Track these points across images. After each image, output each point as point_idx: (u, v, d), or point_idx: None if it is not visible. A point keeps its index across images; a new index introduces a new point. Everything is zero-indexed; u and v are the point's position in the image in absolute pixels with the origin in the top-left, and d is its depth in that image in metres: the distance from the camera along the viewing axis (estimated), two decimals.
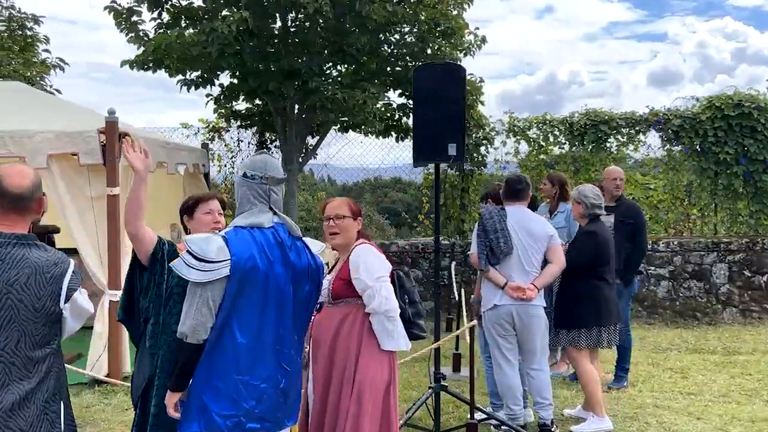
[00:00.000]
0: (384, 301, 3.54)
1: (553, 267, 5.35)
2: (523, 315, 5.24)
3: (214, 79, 8.79)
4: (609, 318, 5.52)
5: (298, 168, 9.62)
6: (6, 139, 6.61)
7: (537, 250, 5.30)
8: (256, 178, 3.03)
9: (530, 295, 5.19)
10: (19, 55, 11.50)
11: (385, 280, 3.59)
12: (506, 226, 5.22)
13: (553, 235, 5.35)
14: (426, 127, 5.03)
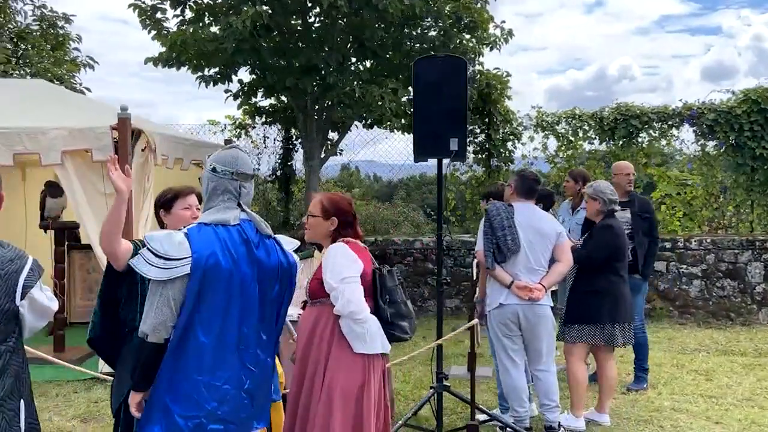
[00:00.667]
0: (346, 303, 3.44)
1: (561, 266, 5.21)
2: (530, 315, 5.11)
3: (231, 75, 8.79)
4: (624, 315, 5.39)
5: (319, 164, 9.57)
6: (22, 136, 6.69)
7: (545, 249, 5.16)
8: (226, 174, 2.98)
9: (537, 295, 5.06)
10: (50, 54, 11.70)
11: (351, 281, 3.47)
12: (514, 224, 5.08)
13: (561, 233, 5.21)
14: (427, 122, 4.96)
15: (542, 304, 5.11)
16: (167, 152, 7.58)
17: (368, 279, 3.58)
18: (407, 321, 3.65)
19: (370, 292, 3.57)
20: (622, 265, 5.45)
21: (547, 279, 5.13)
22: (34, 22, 12.07)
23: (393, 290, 3.62)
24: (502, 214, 5.10)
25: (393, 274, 3.68)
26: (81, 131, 6.71)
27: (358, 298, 3.46)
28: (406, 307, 3.66)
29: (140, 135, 6.96)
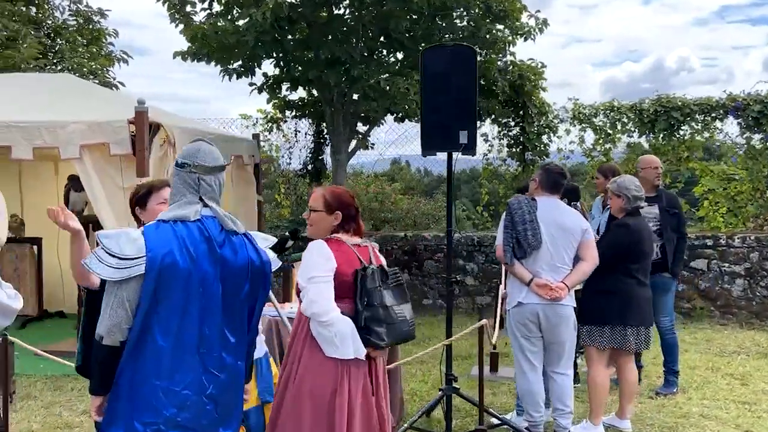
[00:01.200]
0: (309, 303, 3.27)
1: (586, 264, 4.97)
2: (551, 315, 4.89)
3: (254, 68, 8.71)
4: (637, 318, 5.12)
5: (346, 158, 9.45)
6: (42, 131, 6.73)
7: (569, 245, 4.92)
8: (186, 167, 2.86)
9: (559, 294, 4.84)
10: (85, 49, 11.82)
11: (319, 281, 3.29)
12: (536, 218, 4.86)
13: (586, 230, 4.96)
14: (435, 114, 4.78)
15: (564, 304, 4.88)
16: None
17: (347, 278, 3.39)
18: (384, 327, 3.36)
19: (352, 292, 3.40)
20: (639, 267, 5.17)
21: (570, 278, 4.90)
22: (70, 17, 12.21)
23: (372, 292, 3.36)
24: (524, 208, 4.88)
25: (376, 274, 3.40)
26: (99, 125, 6.72)
27: (323, 299, 3.27)
28: (385, 311, 3.38)
29: (159, 129, 6.94)
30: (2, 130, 6.74)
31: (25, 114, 6.90)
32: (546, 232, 4.87)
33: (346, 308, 3.36)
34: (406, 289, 3.57)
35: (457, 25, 8.96)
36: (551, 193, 5.01)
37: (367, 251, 3.53)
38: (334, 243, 3.44)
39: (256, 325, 3.04)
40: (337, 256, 3.37)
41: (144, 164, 6.71)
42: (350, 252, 3.45)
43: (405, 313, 3.47)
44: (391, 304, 3.41)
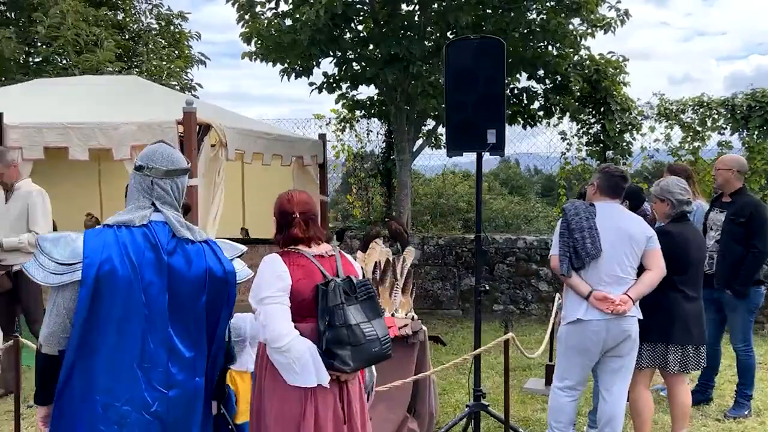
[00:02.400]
0: (261, 329, 3.00)
1: (651, 274, 4.56)
2: (616, 331, 4.50)
3: (312, 67, 8.63)
4: (681, 336, 4.69)
5: (410, 158, 9.25)
6: (96, 131, 6.87)
7: (632, 254, 4.54)
8: (141, 170, 2.76)
9: (623, 309, 4.45)
10: (166, 51, 12.14)
11: (270, 302, 3.00)
12: (594, 225, 4.51)
13: (651, 237, 4.57)
14: (460, 111, 4.53)
15: (630, 316, 4.51)
16: (243, 147, 7.55)
17: (307, 295, 3.09)
18: (349, 349, 3.04)
19: (314, 311, 3.11)
20: (685, 279, 4.72)
21: (635, 289, 4.51)
22: (153, 20, 12.57)
23: (333, 311, 3.04)
24: (581, 214, 4.54)
25: (338, 289, 3.08)
26: (149, 126, 6.80)
27: (276, 322, 2.98)
28: (349, 330, 3.05)
29: (209, 129, 6.96)
30: (60, 131, 6.92)
31: (82, 115, 7.07)
32: (606, 240, 4.51)
33: (309, 329, 3.09)
34: (377, 300, 3.28)
35: (527, 19, 8.59)
36: (611, 197, 4.65)
37: (332, 262, 3.25)
38: (292, 256, 3.17)
39: (222, 338, 2.88)
40: (293, 271, 3.09)
41: (192, 165, 6.71)
42: (310, 265, 3.16)
43: (375, 331, 3.15)
44: (357, 322, 3.09)
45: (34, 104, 7.68)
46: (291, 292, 3.06)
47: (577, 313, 4.56)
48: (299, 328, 3.07)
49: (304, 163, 8.86)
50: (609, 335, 4.50)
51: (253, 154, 7.79)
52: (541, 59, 8.58)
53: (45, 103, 7.72)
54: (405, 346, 4.96)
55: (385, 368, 4.86)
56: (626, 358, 4.57)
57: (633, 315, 4.53)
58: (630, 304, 4.47)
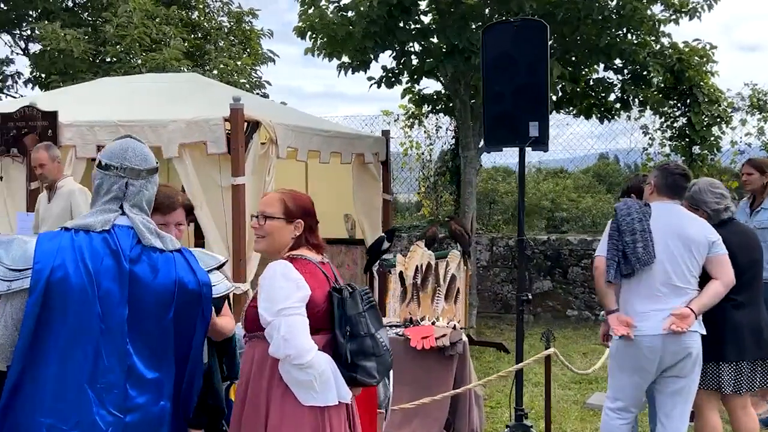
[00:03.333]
0: (282, 343, 2.71)
1: (718, 285, 4.11)
2: (676, 349, 4.06)
3: (369, 61, 8.33)
4: (736, 351, 4.19)
5: (476, 154, 8.84)
6: (146, 129, 6.80)
7: (692, 261, 4.11)
8: (112, 169, 2.52)
9: (683, 324, 4.00)
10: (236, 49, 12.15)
11: (290, 313, 2.73)
12: (648, 227, 4.10)
13: (715, 242, 4.13)
14: (499, 103, 4.16)
15: (692, 331, 4.06)
16: (296, 144, 7.36)
17: (322, 305, 2.85)
18: (374, 360, 2.83)
19: (326, 322, 2.86)
20: (740, 286, 4.22)
21: (697, 301, 4.08)
22: (225, 18, 12.60)
23: (355, 319, 2.82)
24: (633, 214, 4.14)
25: (357, 297, 2.88)
26: (197, 123, 6.69)
27: (299, 337, 2.72)
28: (372, 341, 2.84)
29: (258, 126, 6.79)
30: (111, 129, 6.89)
31: (134, 113, 7.04)
32: (661, 245, 4.09)
33: (324, 342, 2.84)
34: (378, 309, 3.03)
35: (601, 5, 8.04)
36: (670, 197, 4.22)
37: (330, 270, 3.01)
38: (301, 263, 2.90)
39: (199, 358, 2.61)
40: (307, 280, 2.83)
41: (239, 163, 6.58)
42: (318, 273, 2.91)
43: (386, 341, 2.95)
44: (373, 332, 2.88)
45: (91, 103, 7.72)
46: (307, 302, 2.81)
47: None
48: (315, 341, 2.81)
49: (365, 161, 8.60)
50: (666, 352, 4.06)
51: (308, 151, 7.59)
52: (616, 48, 8.02)
53: (101, 101, 7.75)
54: (442, 358, 4.63)
55: (420, 382, 4.56)
56: (687, 379, 4.13)
57: (695, 330, 4.07)
58: (691, 319, 4.01)
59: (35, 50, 11.48)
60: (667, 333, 4.01)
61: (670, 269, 4.08)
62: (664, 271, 4.08)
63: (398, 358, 4.64)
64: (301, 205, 3.00)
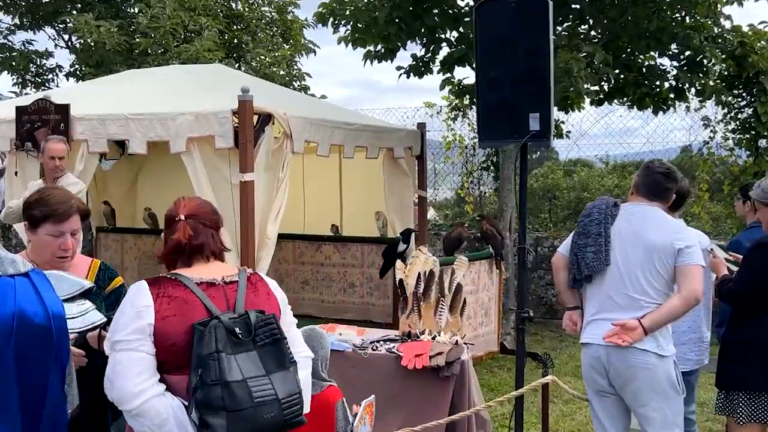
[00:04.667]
0: (107, 384, 2.31)
1: (677, 300, 3.60)
2: (619, 364, 3.61)
3: (396, 50, 7.84)
4: None
5: (514, 148, 8.24)
6: (154, 122, 6.56)
7: (653, 271, 3.62)
8: None
9: (624, 338, 3.55)
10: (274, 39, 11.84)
11: (123, 347, 2.31)
12: (606, 230, 3.67)
13: (683, 249, 3.60)
14: (496, 91, 3.67)
15: (639, 349, 3.56)
16: (316, 138, 6.97)
17: (180, 338, 2.35)
18: (224, 417, 2.24)
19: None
20: None
21: (650, 317, 3.57)
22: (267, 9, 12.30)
23: (207, 361, 2.28)
24: (593, 216, 3.74)
25: (219, 331, 2.31)
26: (205, 116, 6.39)
27: (124, 377, 2.29)
28: (226, 390, 2.25)
29: (270, 119, 6.42)
30: (121, 122, 6.66)
31: (145, 106, 6.77)
32: (621, 251, 3.64)
33: (180, 384, 2.36)
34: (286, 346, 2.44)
35: None
36: (649, 198, 3.76)
37: (232, 291, 2.48)
38: (162, 285, 2.42)
39: (59, 400, 2.14)
40: (159, 306, 2.36)
41: (248, 159, 6.23)
42: (188, 297, 2.40)
43: (274, 390, 2.34)
44: (244, 377, 2.30)
45: (106, 96, 7.51)
46: (154, 334, 2.34)
47: (582, 333, 3.79)
48: (171, 381, 2.36)
49: (395, 156, 8.14)
50: (611, 367, 3.63)
51: (330, 146, 7.18)
52: (668, 31, 7.34)
53: (117, 94, 7.53)
54: (436, 379, 4.15)
55: (413, 405, 4.11)
56: (647, 408, 3.60)
57: (646, 349, 3.57)
58: (637, 333, 3.53)
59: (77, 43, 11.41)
60: (611, 345, 3.58)
61: (626, 278, 3.63)
62: (618, 280, 3.65)
63: (389, 378, 4.21)
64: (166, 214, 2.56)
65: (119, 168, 10.04)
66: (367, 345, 4.36)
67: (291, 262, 9.33)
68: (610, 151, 13.60)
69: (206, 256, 2.53)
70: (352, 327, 4.81)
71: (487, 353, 7.42)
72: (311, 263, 9.19)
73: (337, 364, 4.26)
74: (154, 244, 9.71)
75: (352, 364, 4.23)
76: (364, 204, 9.15)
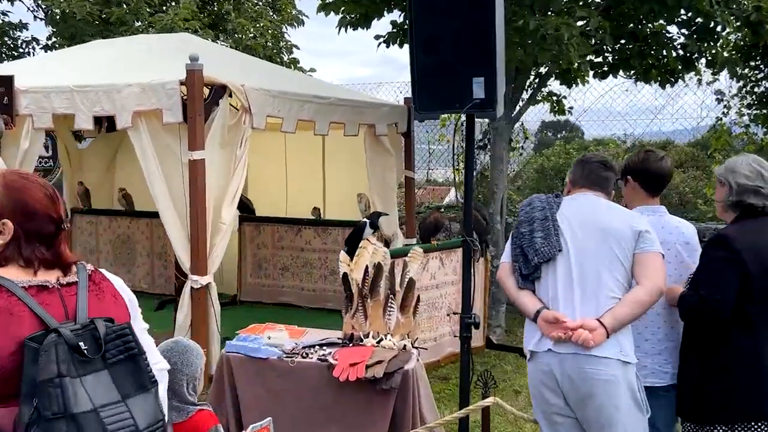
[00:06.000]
0: None
1: (637, 291, 3.03)
2: (575, 375, 3.02)
3: (371, 16, 7.18)
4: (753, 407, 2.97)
5: (506, 125, 7.63)
6: (100, 95, 6.03)
7: (612, 259, 3.05)
8: None
9: (585, 337, 2.94)
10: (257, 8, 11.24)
11: None
12: (551, 215, 3.14)
13: (643, 233, 3.05)
14: (433, 53, 3.05)
15: (599, 356, 2.96)
16: (281, 114, 6.37)
17: (5, 360, 1.83)
18: None
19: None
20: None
21: (610, 314, 2.99)
22: None
23: (45, 389, 1.78)
24: (534, 204, 3.23)
25: (59, 349, 1.81)
26: (152, 88, 5.85)
27: None
28: (71, 425, 1.77)
29: (224, 91, 5.84)
30: (66, 95, 6.13)
31: (91, 78, 6.21)
32: (571, 237, 3.08)
33: (9, 417, 1.82)
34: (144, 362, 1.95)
35: None
36: (590, 188, 3.26)
37: (71, 295, 1.97)
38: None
39: None
40: None
41: (197, 135, 5.67)
42: (16, 306, 1.87)
43: (132, 419, 1.86)
44: (95, 407, 1.81)
45: (60, 67, 6.98)
46: None
47: (530, 344, 3.17)
48: None
49: (377, 133, 7.53)
50: (565, 379, 3.02)
51: (297, 121, 6.59)
52: None
53: (71, 65, 6.99)
54: (375, 393, 3.57)
55: (349, 419, 3.56)
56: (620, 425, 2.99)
57: (608, 356, 2.97)
58: (599, 334, 2.94)
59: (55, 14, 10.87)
60: (564, 353, 2.99)
61: (580, 268, 3.05)
62: (568, 269, 3.07)
63: (320, 390, 3.66)
64: (16, 195, 2.00)
65: (96, 146, 9.57)
66: (299, 350, 3.80)
67: (270, 246, 8.79)
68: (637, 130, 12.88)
69: (41, 256, 1.99)
70: (292, 327, 4.25)
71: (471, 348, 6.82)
72: (291, 248, 8.65)
73: (262, 374, 3.72)
74: (129, 227, 9.25)
75: (278, 374, 3.67)
76: (349, 185, 8.58)
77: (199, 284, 5.71)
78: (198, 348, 2.87)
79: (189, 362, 2.79)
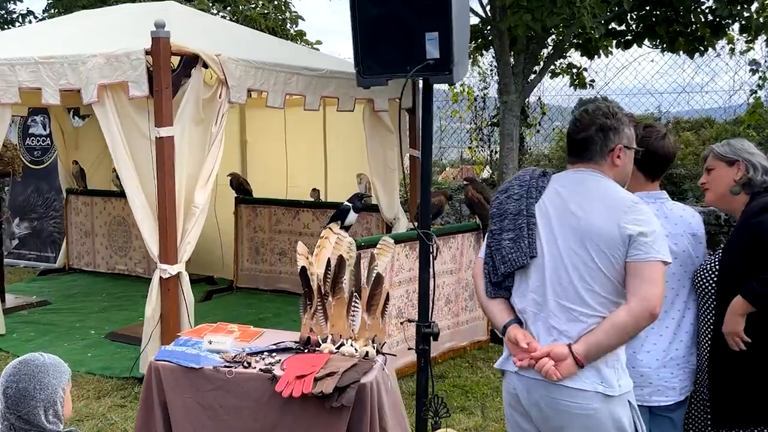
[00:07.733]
0: None
1: (619, 313, 2.41)
2: (543, 404, 2.50)
3: None
4: None
5: (517, 99, 7.03)
6: (65, 67, 5.56)
7: (591, 266, 2.44)
8: None
9: (548, 370, 2.41)
10: None
11: None
12: (527, 208, 2.54)
13: (634, 238, 2.39)
14: (377, 6, 2.48)
15: (572, 388, 2.42)
16: (264, 86, 5.85)
17: None
18: None
19: None
20: None
21: (584, 341, 2.42)
22: None
23: None
24: (513, 189, 2.61)
25: None
26: (117, 58, 5.37)
27: None
28: None
29: (196, 61, 5.34)
30: (32, 68, 5.69)
31: (58, 49, 5.74)
32: (546, 238, 2.51)
33: None
34: None
35: None
36: (573, 162, 2.62)
37: None
38: None
39: None
40: None
41: (164, 110, 5.18)
42: None
43: None
44: None
45: (31, 38, 6.54)
46: None
47: (499, 359, 2.68)
48: None
49: (376, 108, 6.96)
50: (532, 406, 2.53)
51: (285, 95, 6.06)
52: None
53: (42, 36, 6.54)
54: (325, 411, 3.05)
55: None
56: None
57: (583, 387, 2.43)
58: (567, 366, 2.40)
59: None
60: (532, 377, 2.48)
61: (554, 277, 2.49)
62: (542, 279, 2.51)
63: (263, 405, 3.16)
64: None
65: (93, 124, 9.12)
66: (242, 358, 3.29)
67: (267, 230, 8.33)
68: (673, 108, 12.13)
69: None
70: (246, 328, 3.74)
71: (472, 343, 6.31)
72: (288, 232, 8.18)
73: (195, 387, 3.22)
74: (124, 209, 8.83)
75: (213, 387, 3.17)
76: (352, 165, 8.06)
77: (168, 273, 5.25)
78: (56, 364, 2.39)
79: (44, 385, 2.31)
